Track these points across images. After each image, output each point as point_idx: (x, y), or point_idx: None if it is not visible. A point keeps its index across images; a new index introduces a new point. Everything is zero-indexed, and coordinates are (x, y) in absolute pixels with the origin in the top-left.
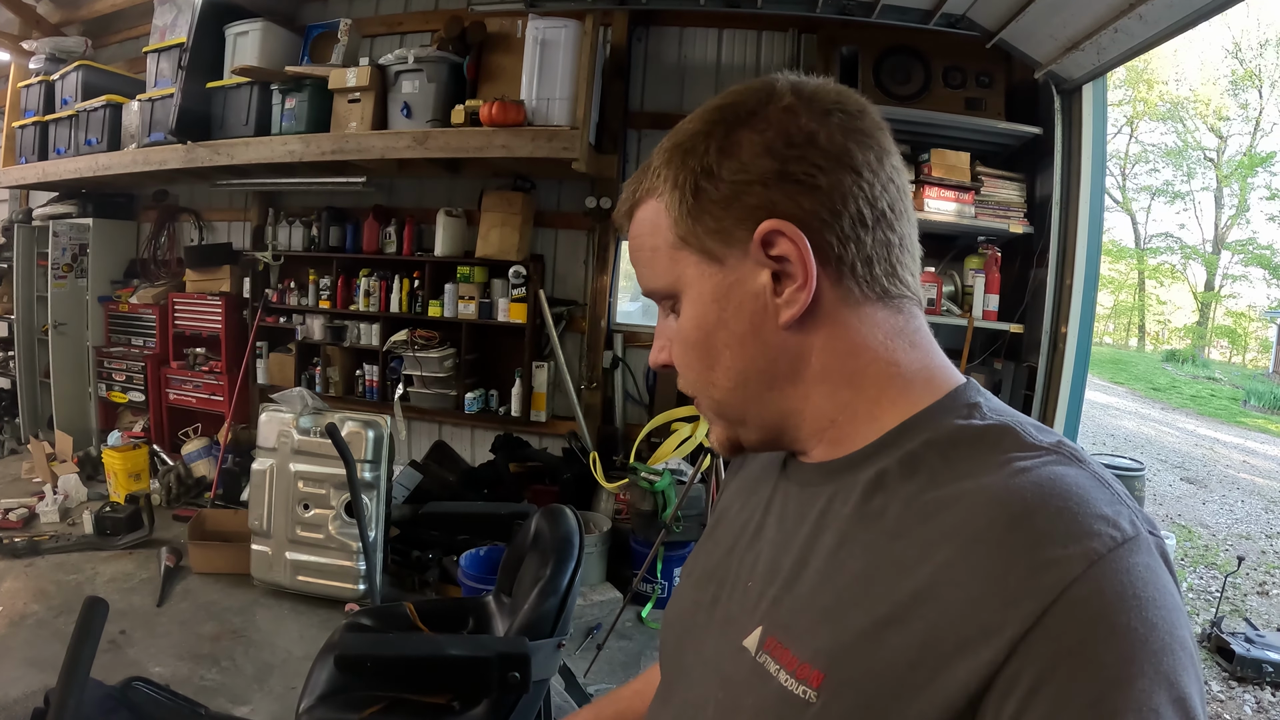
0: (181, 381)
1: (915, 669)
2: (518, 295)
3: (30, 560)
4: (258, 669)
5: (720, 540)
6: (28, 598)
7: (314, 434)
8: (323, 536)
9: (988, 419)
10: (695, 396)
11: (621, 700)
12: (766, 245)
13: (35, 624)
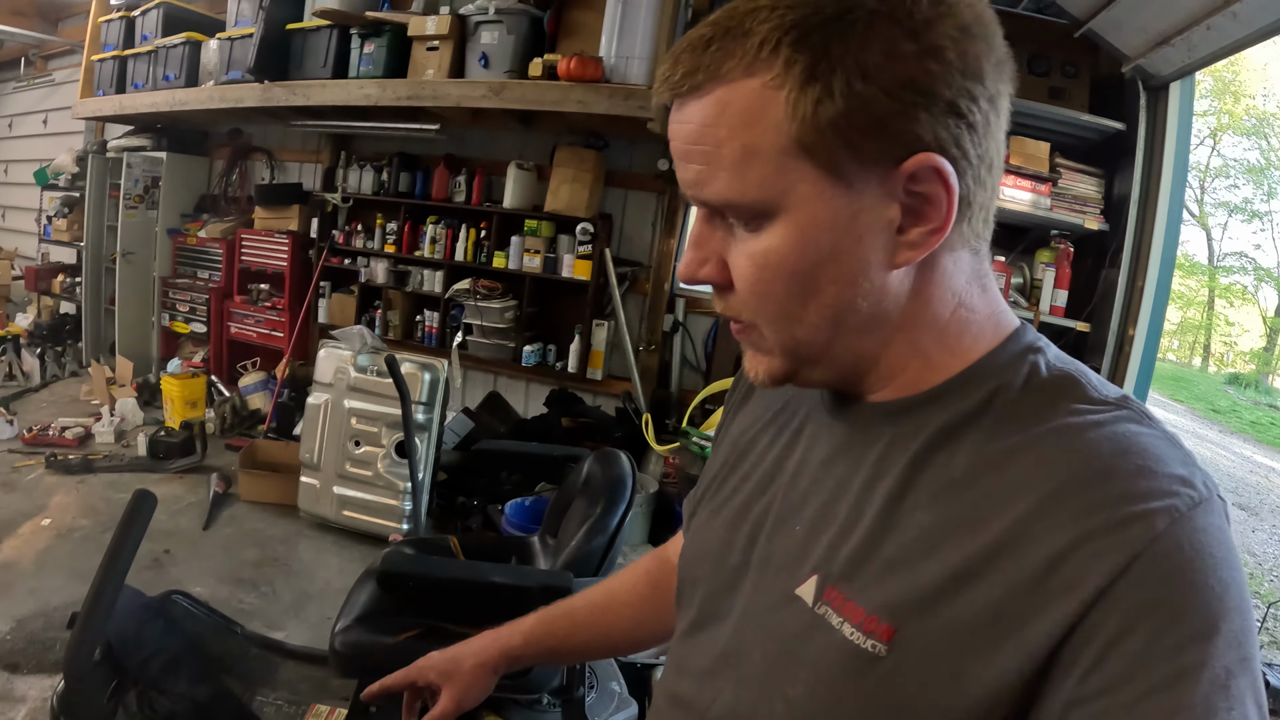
0: (243, 316)
1: (996, 623)
2: (583, 252)
3: (82, 477)
4: (295, 597)
5: (749, 475)
6: (77, 512)
7: (370, 372)
8: (371, 474)
9: (1054, 368)
10: (760, 326)
11: (577, 613)
12: (913, 179)
13: (82, 538)
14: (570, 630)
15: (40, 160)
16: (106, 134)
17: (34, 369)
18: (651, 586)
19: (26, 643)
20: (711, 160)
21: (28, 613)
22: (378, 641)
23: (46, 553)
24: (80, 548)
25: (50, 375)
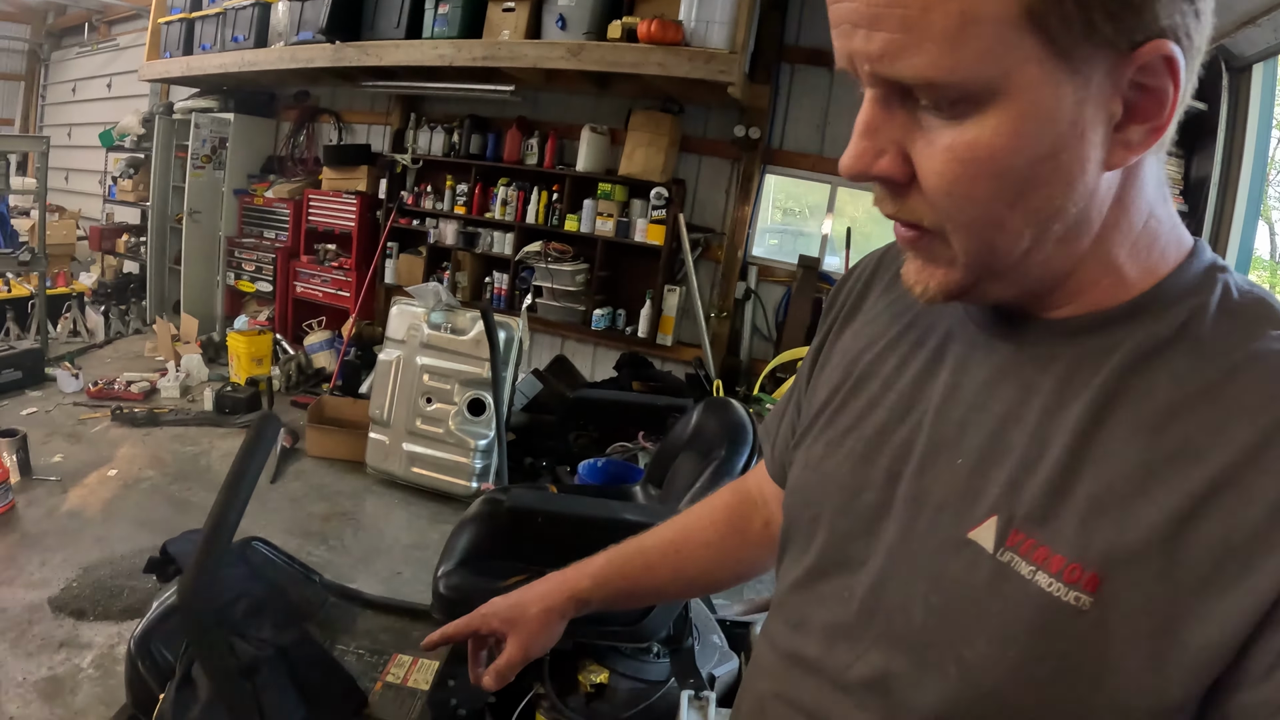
0: (309, 275)
1: (1220, 569)
2: (657, 217)
3: (148, 430)
4: (364, 551)
5: (877, 401)
6: (143, 464)
7: (445, 329)
8: (442, 431)
9: (1244, 290)
10: (947, 233)
11: (649, 552)
12: (1143, 69)
13: (149, 488)
14: (642, 570)
15: (104, 124)
16: (171, 97)
17: (98, 326)
18: (730, 522)
19: (93, 590)
20: (914, 27)
21: (94, 560)
22: (483, 585)
23: (113, 502)
24: (147, 498)
25: (114, 332)
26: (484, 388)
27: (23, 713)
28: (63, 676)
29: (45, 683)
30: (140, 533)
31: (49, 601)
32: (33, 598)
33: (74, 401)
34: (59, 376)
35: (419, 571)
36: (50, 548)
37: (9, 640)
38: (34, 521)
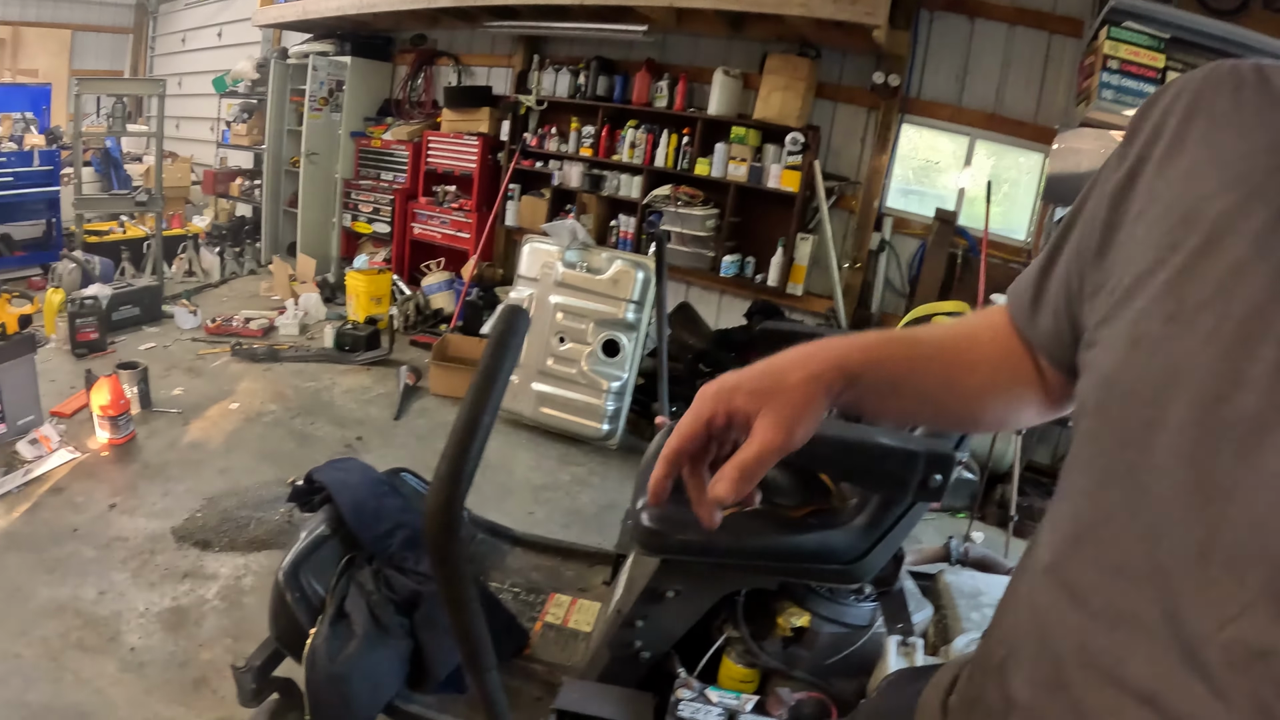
0: (428, 217)
1: None
2: (792, 163)
3: (268, 366)
4: (495, 490)
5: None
6: (265, 398)
7: (580, 268)
8: (574, 372)
9: None
10: None
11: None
12: None
13: (271, 422)
14: (911, 367)
15: (214, 72)
16: (284, 42)
17: (213, 266)
18: (1004, 353)
19: (219, 520)
20: None
21: (218, 491)
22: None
23: (235, 435)
24: (270, 432)
25: (229, 273)
26: (619, 328)
27: (144, 644)
28: (187, 608)
29: (169, 614)
30: (264, 465)
31: (172, 532)
32: (155, 527)
33: (192, 337)
34: (176, 313)
35: (552, 512)
36: (173, 478)
37: (130, 570)
38: (155, 452)
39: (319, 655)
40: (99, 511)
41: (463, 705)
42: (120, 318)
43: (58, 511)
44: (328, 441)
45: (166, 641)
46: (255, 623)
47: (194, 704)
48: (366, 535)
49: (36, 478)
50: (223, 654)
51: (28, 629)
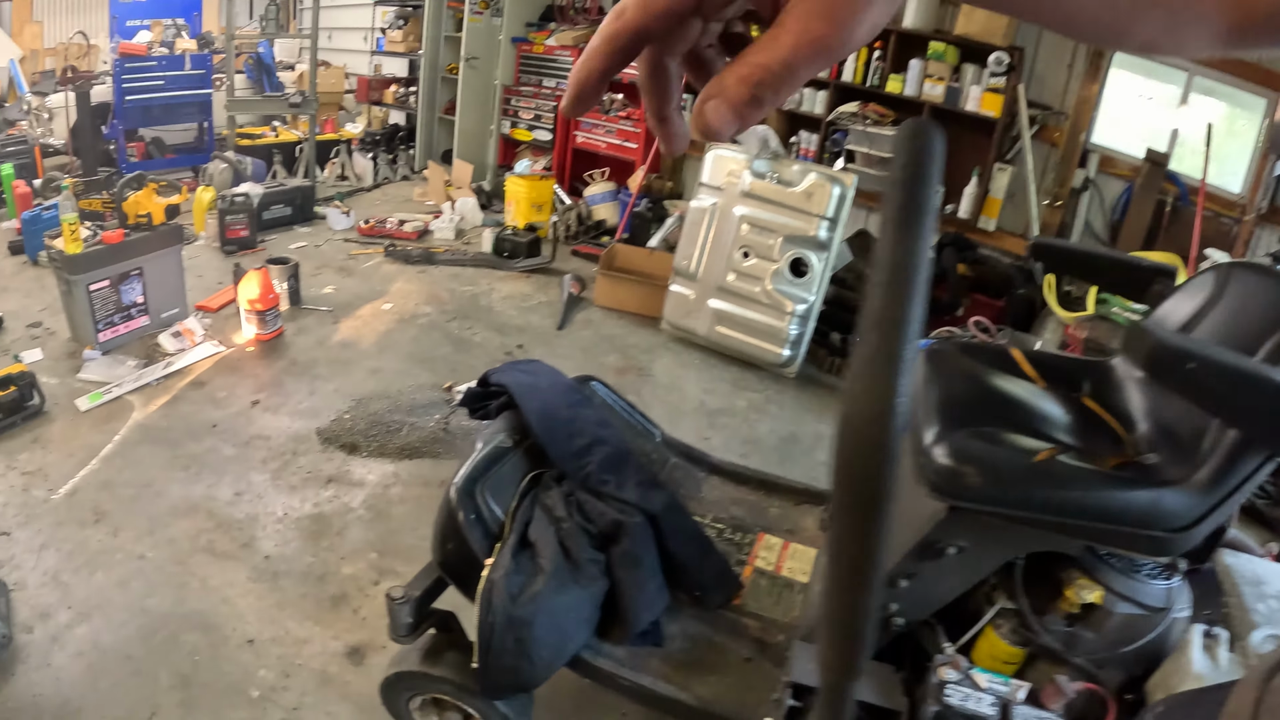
0: (592, 125)
1: None
2: (994, 85)
3: (423, 268)
4: (666, 410)
5: None
6: (419, 300)
7: (770, 178)
8: (757, 290)
9: None
10: None
11: None
12: None
13: (426, 324)
14: None
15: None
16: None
17: (366, 171)
18: None
19: (367, 424)
20: None
21: (368, 393)
22: (1004, 456)
23: (387, 335)
24: (424, 334)
25: (382, 178)
26: (809, 247)
27: (280, 552)
28: (329, 516)
29: (309, 521)
30: (418, 369)
31: (317, 433)
32: (299, 427)
33: (344, 238)
34: (329, 214)
35: (728, 440)
36: (320, 377)
37: (270, 471)
38: (303, 350)
39: (497, 592)
40: (240, 408)
41: (659, 662)
42: (271, 217)
43: (197, 406)
44: (486, 348)
45: (304, 551)
46: (404, 538)
47: (330, 623)
48: (557, 450)
49: (177, 371)
50: (366, 570)
51: (156, 529)
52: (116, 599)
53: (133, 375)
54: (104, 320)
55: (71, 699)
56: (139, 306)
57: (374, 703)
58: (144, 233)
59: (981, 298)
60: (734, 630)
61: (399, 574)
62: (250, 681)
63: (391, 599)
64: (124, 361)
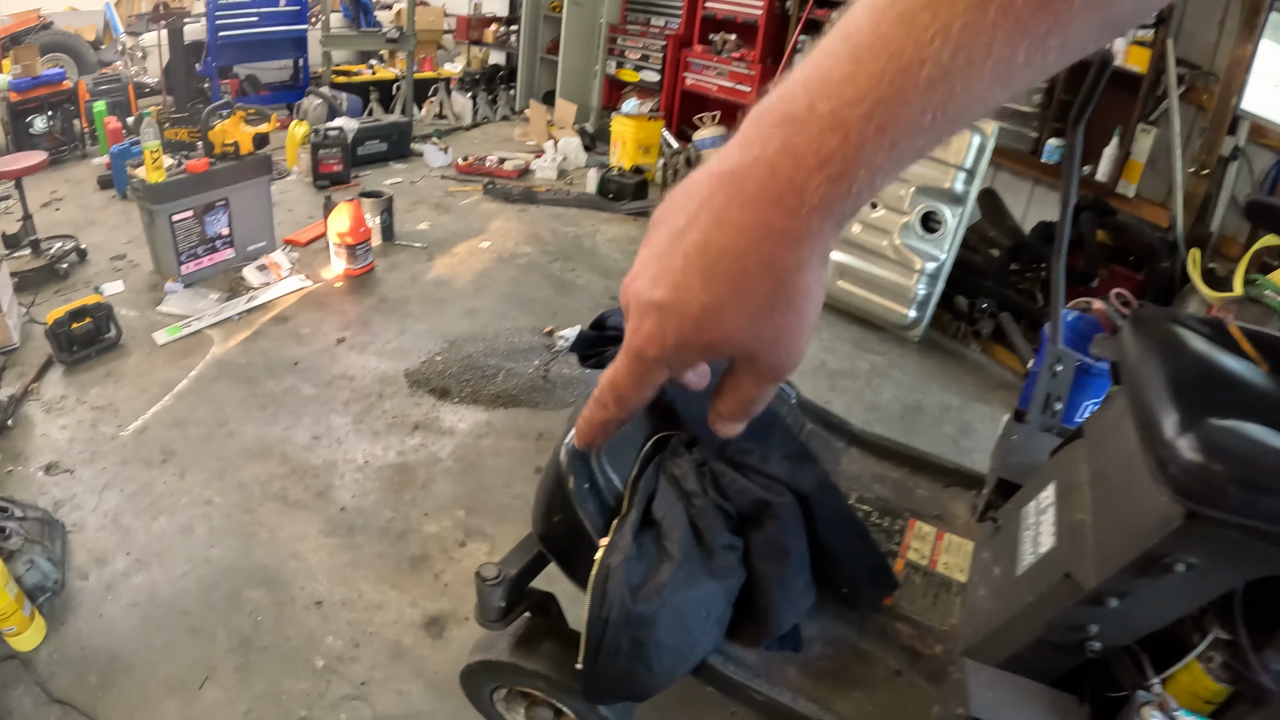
0: (703, 67)
1: None
2: (1141, 38)
3: (524, 207)
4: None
5: None
6: (519, 239)
7: None
8: (884, 245)
9: None
10: None
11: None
12: None
13: (526, 264)
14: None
15: None
16: None
17: (465, 110)
18: None
19: (461, 367)
20: None
21: (462, 334)
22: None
23: (484, 275)
24: (524, 274)
25: (481, 117)
26: (943, 200)
27: (357, 504)
28: (414, 466)
29: (392, 471)
30: (517, 310)
31: (405, 375)
32: (387, 368)
33: (441, 175)
34: (426, 151)
35: (850, 405)
36: (411, 315)
37: (353, 414)
38: (395, 287)
39: (614, 582)
40: (324, 345)
41: (796, 672)
42: (365, 153)
43: (279, 342)
44: (590, 291)
45: (384, 505)
46: (495, 496)
47: (408, 587)
48: (691, 409)
49: (261, 305)
50: (451, 529)
51: (226, 472)
52: (178, 547)
53: (214, 309)
54: (187, 252)
55: (121, 655)
56: (224, 239)
57: (451, 684)
58: (230, 162)
59: (1120, 269)
60: (883, 636)
61: (487, 536)
62: (315, 649)
63: (483, 579)
64: (206, 295)
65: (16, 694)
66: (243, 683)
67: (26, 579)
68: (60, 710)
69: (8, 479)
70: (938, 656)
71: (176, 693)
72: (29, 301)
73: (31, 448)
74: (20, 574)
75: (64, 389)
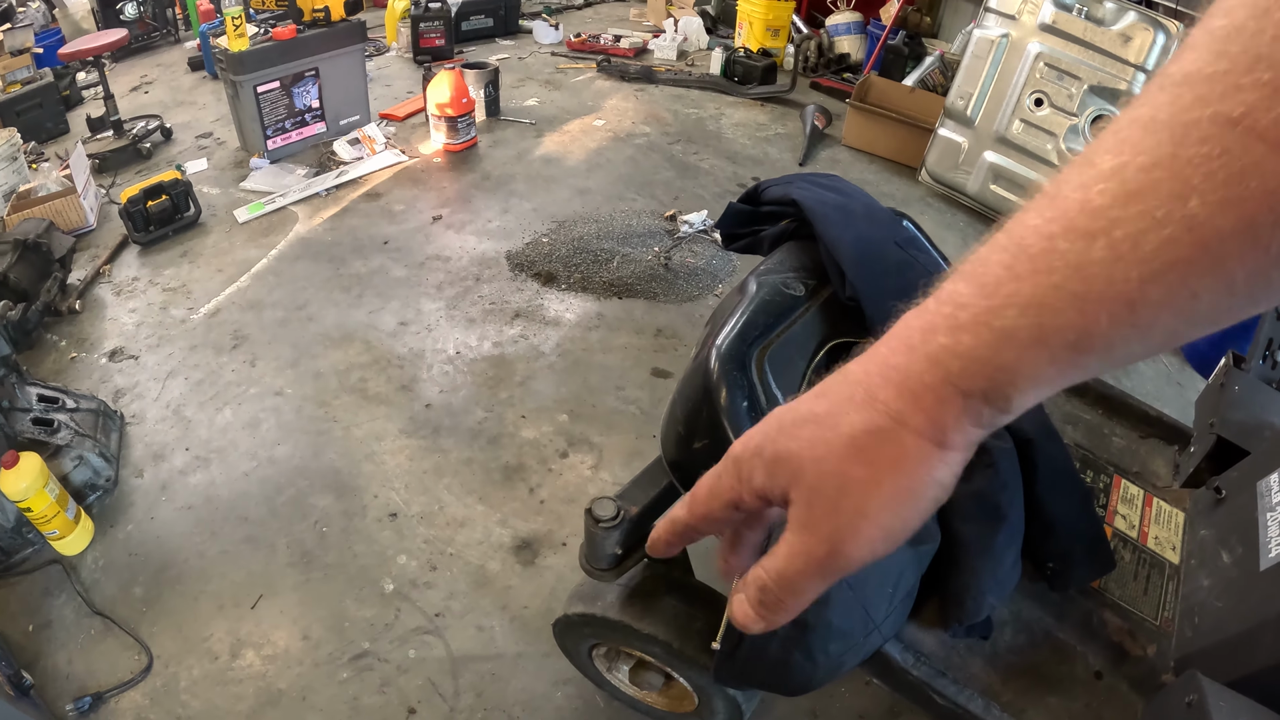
0: None
1: None
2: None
3: (642, 87)
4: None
5: None
6: (637, 119)
7: (1078, 12)
8: (1048, 147)
9: None
10: None
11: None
12: None
13: (645, 145)
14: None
15: None
16: None
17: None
18: None
19: (570, 251)
20: None
21: (572, 215)
22: None
23: (598, 154)
24: (642, 155)
25: None
26: (1117, 102)
27: (445, 400)
28: (512, 360)
29: (486, 365)
30: (633, 192)
31: (507, 257)
32: (486, 249)
33: (551, 52)
34: (535, 27)
35: None
36: (516, 194)
37: (446, 299)
38: (499, 163)
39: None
40: (419, 224)
41: (982, 665)
42: (470, 28)
43: (369, 219)
44: (715, 176)
45: (475, 402)
46: (605, 399)
47: (498, 502)
48: (880, 308)
49: (351, 181)
50: (552, 436)
51: (300, 360)
52: (241, 443)
53: (300, 184)
54: (274, 126)
55: (171, 564)
56: (314, 112)
57: (541, 623)
58: (320, 29)
59: None
60: (1086, 627)
61: (593, 446)
62: (385, 569)
63: (595, 520)
64: (293, 170)
65: (58, 602)
66: (300, 604)
67: (74, 476)
68: (101, 624)
69: (71, 366)
70: (1148, 659)
71: (226, 611)
72: (109, 183)
73: (98, 333)
74: (67, 471)
75: (136, 270)
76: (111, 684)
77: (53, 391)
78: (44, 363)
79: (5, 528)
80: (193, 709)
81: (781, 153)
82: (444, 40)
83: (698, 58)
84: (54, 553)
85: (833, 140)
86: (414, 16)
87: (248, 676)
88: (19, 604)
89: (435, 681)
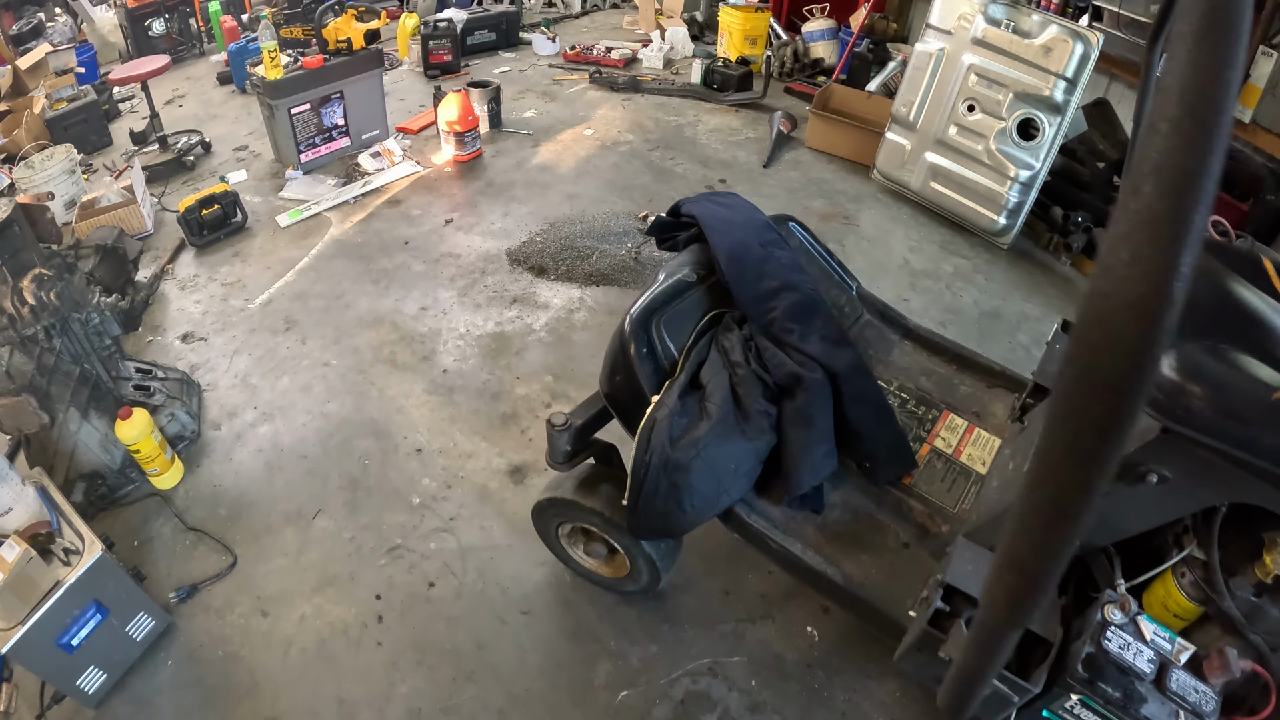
0: None
1: None
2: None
3: (629, 96)
4: (867, 265)
5: None
6: (622, 127)
7: (1005, 27)
8: (979, 149)
9: None
10: None
11: None
12: None
13: (628, 152)
14: None
15: None
16: None
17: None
18: None
19: (559, 247)
20: None
21: (562, 217)
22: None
23: (586, 161)
24: (625, 162)
25: (590, 5)
26: (1041, 108)
27: (457, 367)
28: (510, 336)
29: (490, 340)
30: (615, 196)
31: (507, 254)
32: (490, 247)
33: (549, 63)
34: (534, 40)
35: (928, 305)
36: (515, 199)
37: (457, 289)
38: (501, 171)
39: (658, 432)
40: (434, 226)
41: (813, 531)
42: (475, 42)
43: (391, 223)
44: (688, 179)
45: (481, 368)
46: (581, 364)
47: (497, 440)
48: (744, 291)
49: (375, 189)
50: (539, 392)
51: (342, 338)
52: (299, 402)
53: (331, 193)
54: (305, 142)
55: (247, 491)
56: (339, 128)
57: (527, 524)
58: (344, 57)
59: (1225, 196)
60: (897, 511)
61: (571, 399)
62: (413, 488)
63: (552, 425)
64: (324, 180)
65: (157, 524)
66: (350, 515)
67: (168, 429)
68: (194, 536)
69: (149, 347)
70: (944, 535)
71: (293, 522)
72: (159, 192)
73: (169, 320)
74: (163, 425)
75: (196, 269)
76: (204, 577)
77: (146, 364)
78: (125, 346)
79: (113, 468)
80: (269, 591)
81: (749, 156)
82: (451, 55)
83: (683, 66)
84: (152, 488)
85: (797, 143)
86: (424, 35)
87: (311, 566)
88: (124, 527)
89: (449, 564)
